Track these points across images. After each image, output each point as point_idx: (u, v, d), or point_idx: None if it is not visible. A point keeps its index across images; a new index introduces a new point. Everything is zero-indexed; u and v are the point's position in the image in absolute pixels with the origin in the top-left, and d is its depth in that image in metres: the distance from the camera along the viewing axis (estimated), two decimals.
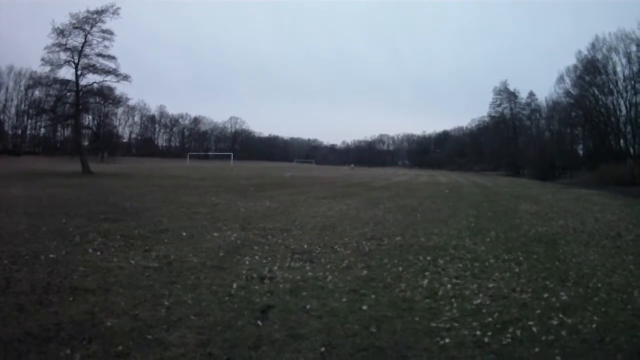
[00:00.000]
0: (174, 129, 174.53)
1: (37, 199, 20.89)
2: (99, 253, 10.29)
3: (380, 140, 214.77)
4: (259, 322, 6.43)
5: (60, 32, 49.37)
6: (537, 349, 5.80)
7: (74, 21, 49.27)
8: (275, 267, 9.60)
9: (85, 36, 49.87)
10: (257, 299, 7.45)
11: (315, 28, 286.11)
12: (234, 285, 8.12)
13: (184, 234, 13.01)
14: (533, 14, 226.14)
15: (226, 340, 5.81)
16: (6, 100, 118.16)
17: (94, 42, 50.32)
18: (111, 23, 50.40)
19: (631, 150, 72.96)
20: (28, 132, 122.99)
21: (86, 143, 55.45)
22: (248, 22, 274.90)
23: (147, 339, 5.71)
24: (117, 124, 78.18)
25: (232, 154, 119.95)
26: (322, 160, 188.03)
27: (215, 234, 13.15)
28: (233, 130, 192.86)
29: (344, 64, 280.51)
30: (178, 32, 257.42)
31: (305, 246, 11.94)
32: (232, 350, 5.54)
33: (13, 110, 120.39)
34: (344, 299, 7.58)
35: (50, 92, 54.72)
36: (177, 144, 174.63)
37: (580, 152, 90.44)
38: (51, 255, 9.81)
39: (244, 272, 9.12)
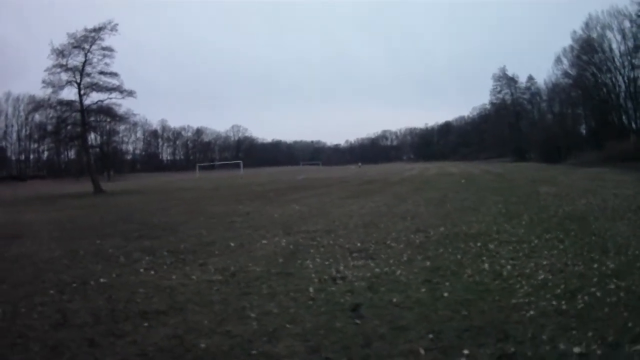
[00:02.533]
0: (177, 142, 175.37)
1: (57, 223, 20.44)
2: (152, 272, 9.79)
3: (384, 136, 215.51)
4: (357, 321, 6.27)
5: (60, 53, 49.46)
6: (606, 310, 6.20)
7: (72, 41, 49.36)
8: (341, 267, 9.42)
9: (86, 55, 49.95)
10: (341, 299, 7.30)
11: (311, 30, 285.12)
12: (311, 289, 7.87)
13: (232, 244, 12.57)
14: None
15: (335, 342, 5.60)
16: (6, 126, 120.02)
17: (95, 60, 50.35)
18: (110, 40, 50.20)
19: (633, 126, 73.35)
20: (32, 156, 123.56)
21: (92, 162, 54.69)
22: (243, 28, 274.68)
23: (253, 355, 5.38)
24: (121, 141, 78.48)
25: (241, 162, 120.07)
26: (327, 161, 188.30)
27: (264, 242, 12.76)
28: (236, 138, 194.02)
29: (342, 64, 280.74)
30: (173, 44, 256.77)
31: (359, 244, 11.74)
32: (346, 351, 5.35)
33: (14, 136, 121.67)
34: (423, 289, 7.62)
35: (53, 114, 54.62)
36: (182, 157, 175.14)
37: (583, 131, 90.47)
38: (102, 280, 9.26)
39: (313, 275, 8.90)
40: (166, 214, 21.93)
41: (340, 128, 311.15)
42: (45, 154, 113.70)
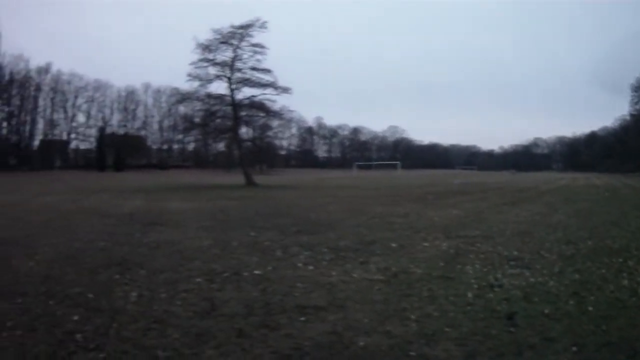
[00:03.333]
0: (333, 140, 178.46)
1: (209, 213, 20.97)
2: (311, 267, 9.65)
3: (535, 143, 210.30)
4: (511, 329, 6.19)
5: (206, 48, 51.28)
6: None
7: (218, 36, 50.88)
8: (499, 275, 9.22)
9: (235, 50, 51.16)
10: (497, 306, 7.16)
11: (472, 34, 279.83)
12: (469, 295, 7.74)
13: (393, 244, 12.23)
14: None
15: (490, 349, 5.54)
16: (146, 116, 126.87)
17: (245, 56, 51.73)
18: (260, 37, 51.10)
19: None
20: (175, 146, 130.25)
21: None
22: (403, 30, 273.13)
23: (412, 356, 5.32)
24: (275, 136, 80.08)
25: (399, 162, 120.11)
26: (482, 166, 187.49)
27: (425, 244, 12.42)
28: (393, 139, 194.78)
29: (494, 70, 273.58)
30: (331, 45, 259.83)
31: (515, 253, 11.49)
32: (500, 358, 5.32)
33: (155, 126, 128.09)
34: (571, 302, 7.43)
35: (200, 107, 56.44)
36: (338, 155, 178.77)
37: None
38: (256, 272, 9.28)
39: (472, 280, 8.74)
40: (324, 210, 21.95)
41: (493, 133, 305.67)
42: (192, 145, 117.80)
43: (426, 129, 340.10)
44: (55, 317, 6.55)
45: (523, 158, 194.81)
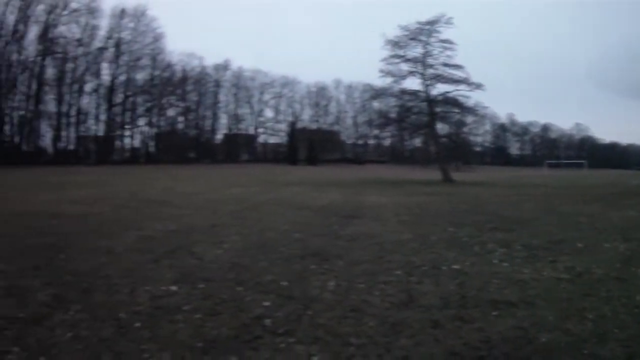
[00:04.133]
0: (525, 137, 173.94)
1: (407, 207, 21.47)
2: (505, 264, 9.84)
3: None
4: None
5: (395, 44, 52.09)
6: None
7: (406, 33, 51.44)
8: None
9: (424, 47, 51.54)
10: None
11: None
12: (638, 297, 7.50)
13: (579, 244, 12.14)
14: None
15: None
16: (339, 112, 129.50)
17: (435, 52, 51.85)
18: (447, 33, 51.11)
19: None
20: (371, 141, 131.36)
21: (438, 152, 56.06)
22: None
23: (584, 354, 5.42)
24: (469, 132, 78.99)
25: (585, 161, 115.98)
26: None
27: (606, 245, 12.19)
28: (579, 137, 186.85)
29: None
30: (518, 42, 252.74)
31: None
32: None
33: (349, 122, 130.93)
34: None
35: (395, 103, 57.43)
36: (529, 152, 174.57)
37: None
38: (454, 266, 9.51)
39: None
40: (518, 208, 21.88)
41: None
42: (388, 140, 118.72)
43: (606, 128, 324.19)
44: (242, 302, 7.04)
45: None
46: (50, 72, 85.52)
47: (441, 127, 56.50)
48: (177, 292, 7.52)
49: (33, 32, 80.00)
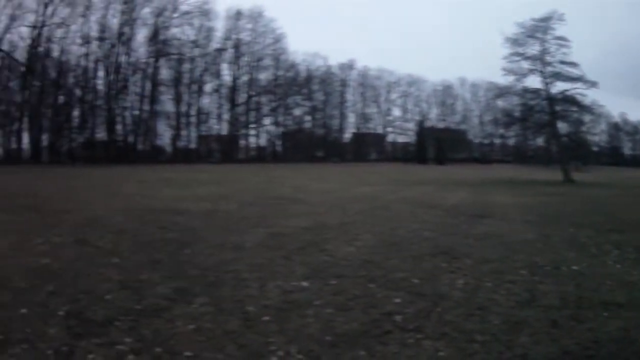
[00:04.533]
0: (637, 137, 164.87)
1: (531, 207, 21.70)
2: (618, 266, 10.02)
3: None
4: None
5: (514, 42, 51.76)
6: None
7: (522, 30, 51.04)
8: None
9: (542, 44, 51.01)
10: None
11: None
12: None
13: None
14: None
15: None
16: (465, 110, 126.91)
17: (552, 49, 51.04)
18: (560, 30, 50.42)
19: None
20: (497, 141, 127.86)
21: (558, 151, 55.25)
22: None
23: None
24: (587, 131, 76.28)
25: None
26: None
27: None
28: None
29: None
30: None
31: None
32: None
33: (475, 120, 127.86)
34: None
35: (517, 102, 56.95)
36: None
37: None
38: (573, 267, 9.73)
39: None
40: (634, 210, 21.63)
41: None
42: (512, 140, 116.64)
43: None
44: (373, 298, 7.28)
45: None
46: (165, 73, 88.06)
47: (561, 127, 55.38)
48: (308, 287, 7.88)
49: (141, 34, 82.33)
